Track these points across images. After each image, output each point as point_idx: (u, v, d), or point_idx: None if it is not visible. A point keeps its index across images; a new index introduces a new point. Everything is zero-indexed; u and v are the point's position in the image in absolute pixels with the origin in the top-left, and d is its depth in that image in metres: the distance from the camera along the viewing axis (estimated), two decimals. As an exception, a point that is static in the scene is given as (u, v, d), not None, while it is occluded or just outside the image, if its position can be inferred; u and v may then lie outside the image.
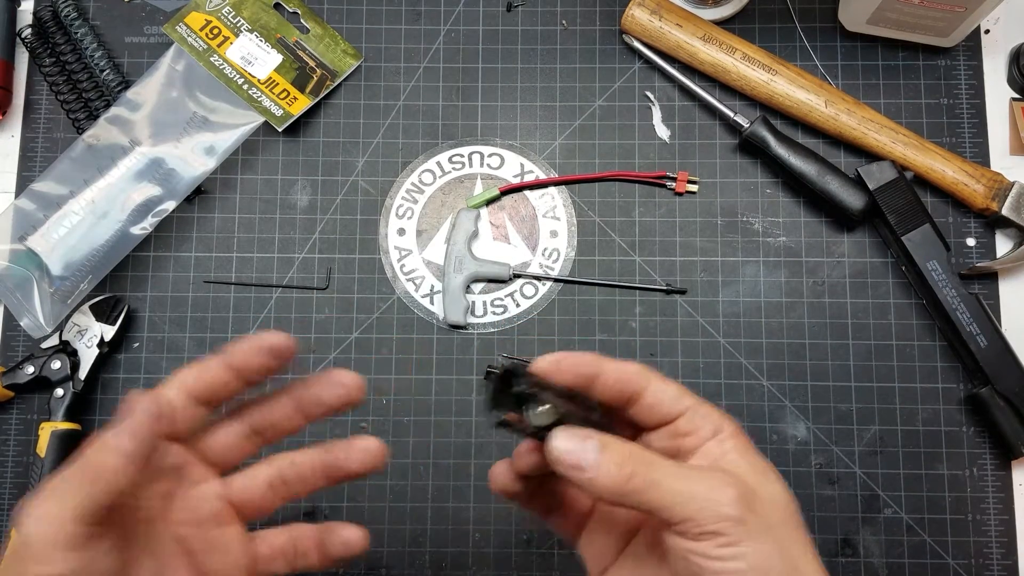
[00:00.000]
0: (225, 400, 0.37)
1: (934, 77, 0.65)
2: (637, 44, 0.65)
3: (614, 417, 0.38)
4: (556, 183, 0.65)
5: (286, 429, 0.39)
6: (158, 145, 0.62)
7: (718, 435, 0.36)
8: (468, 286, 0.63)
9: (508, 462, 0.40)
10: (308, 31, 0.66)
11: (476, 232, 0.63)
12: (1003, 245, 0.63)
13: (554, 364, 0.36)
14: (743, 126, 0.63)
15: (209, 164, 0.62)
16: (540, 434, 0.35)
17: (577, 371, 0.37)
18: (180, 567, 0.36)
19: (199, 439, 0.38)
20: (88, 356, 0.61)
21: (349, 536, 0.39)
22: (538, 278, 0.63)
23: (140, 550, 0.34)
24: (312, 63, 0.65)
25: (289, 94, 0.64)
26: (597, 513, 0.41)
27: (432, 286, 0.63)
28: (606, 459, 0.33)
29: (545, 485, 0.40)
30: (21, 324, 0.60)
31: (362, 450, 0.39)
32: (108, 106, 0.63)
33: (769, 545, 0.33)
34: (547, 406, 0.34)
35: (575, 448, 0.34)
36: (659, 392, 0.37)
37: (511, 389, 0.34)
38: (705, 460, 0.36)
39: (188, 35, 0.64)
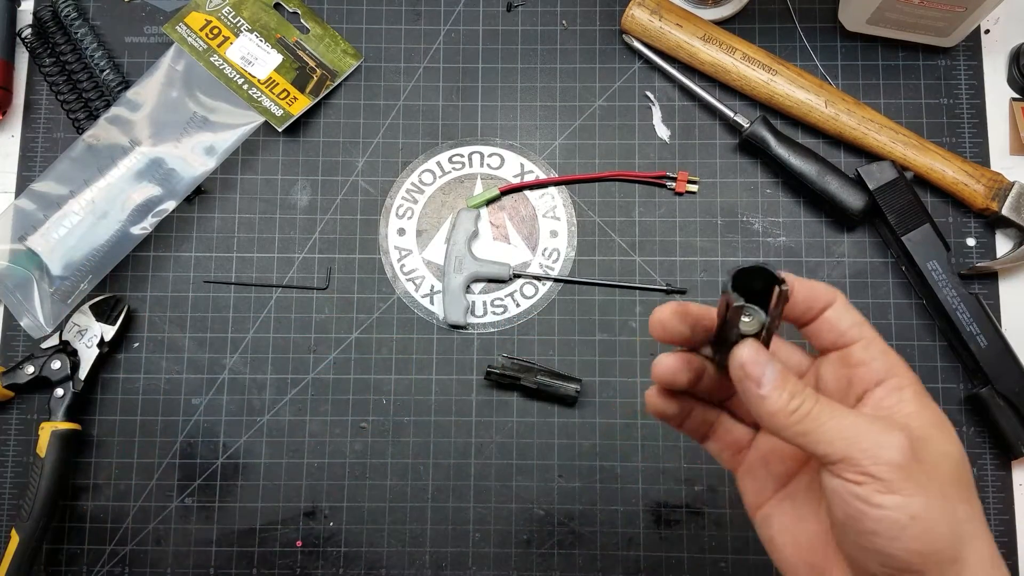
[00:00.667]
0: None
1: (934, 77, 0.65)
2: (637, 44, 0.65)
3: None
4: (556, 183, 0.65)
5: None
6: (158, 145, 0.62)
7: (892, 379, 0.35)
8: (468, 286, 0.63)
9: (660, 383, 0.39)
10: (308, 31, 0.66)
11: (476, 232, 0.63)
12: (1003, 245, 0.63)
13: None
14: (743, 126, 0.63)
15: (209, 164, 0.62)
16: (730, 342, 0.35)
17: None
18: None
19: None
20: (88, 356, 0.61)
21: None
22: (538, 278, 0.63)
23: None
24: (312, 63, 0.65)
25: (289, 94, 0.64)
26: (757, 450, 0.40)
27: (432, 286, 0.63)
28: (781, 384, 0.33)
29: (697, 412, 0.41)
30: (21, 324, 0.60)
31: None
32: (108, 106, 0.63)
33: (935, 500, 0.31)
34: (760, 316, 0.34)
35: (760, 361, 0.33)
36: (841, 313, 0.36)
37: (752, 283, 0.34)
38: (878, 410, 0.34)
39: (188, 35, 0.64)
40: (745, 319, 0.34)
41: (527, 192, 0.65)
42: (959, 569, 0.32)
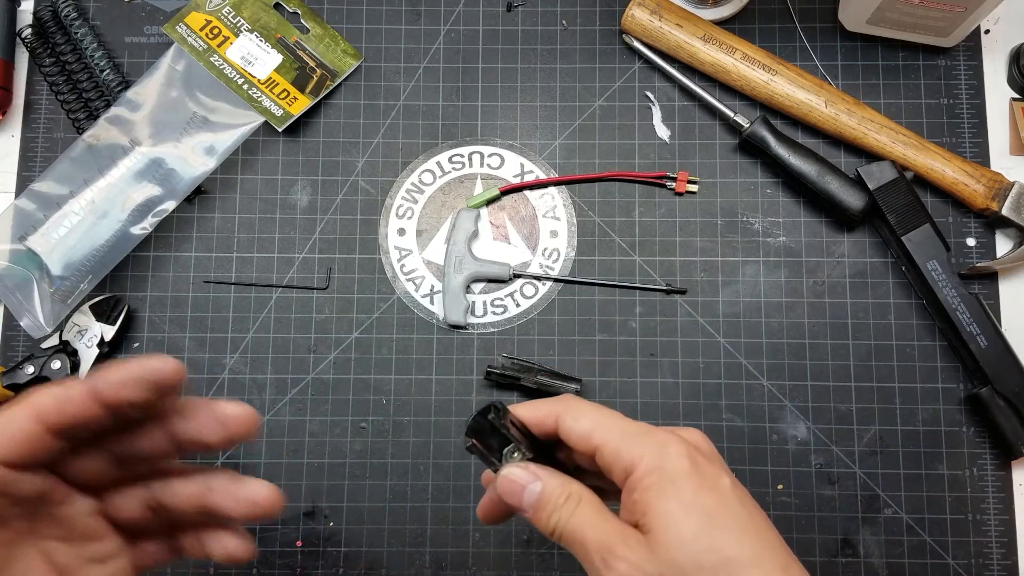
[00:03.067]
0: (92, 433, 0.31)
1: (934, 77, 0.65)
2: (637, 44, 0.65)
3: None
4: (556, 183, 0.65)
5: (157, 459, 0.33)
6: (158, 145, 0.62)
7: (630, 478, 0.34)
8: (468, 286, 0.63)
9: (486, 498, 0.40)
10: (308, 31, 0.66)
11: (476, 232, 0.63)
12: (1003, 245, 0.63)
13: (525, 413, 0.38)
14: (743, 126, 0.63)
15: (209, 164, 0.62)
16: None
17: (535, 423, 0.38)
18: None
19: (61, 464, 0.32)
20: (88, 356, 0.61)
21: (231, 546, 0.35)
22: (538, 278, 0.63)
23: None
24: (312, 63, 0.65)
25: (289, 94, 0.64)
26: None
27: (432, 286, 0.63)
28: (541, 505, 0.35)
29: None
30: (21, 324, 0.60)
31: (248, 502, 0.33)
32: (108, 106, 0.63)
33: None
34: (519, 453, 0.36)
35: (515, 488, 0.35)
36: (569, 430, 0.36)
37: (494, 425, 0.36)
38: (625, 514, 0.35)
39: (188, 35, 0.64)
40: (514, 456, 0.36)
41: (527, 192, 0.65)
42: None
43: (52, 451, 0.31)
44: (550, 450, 0.39)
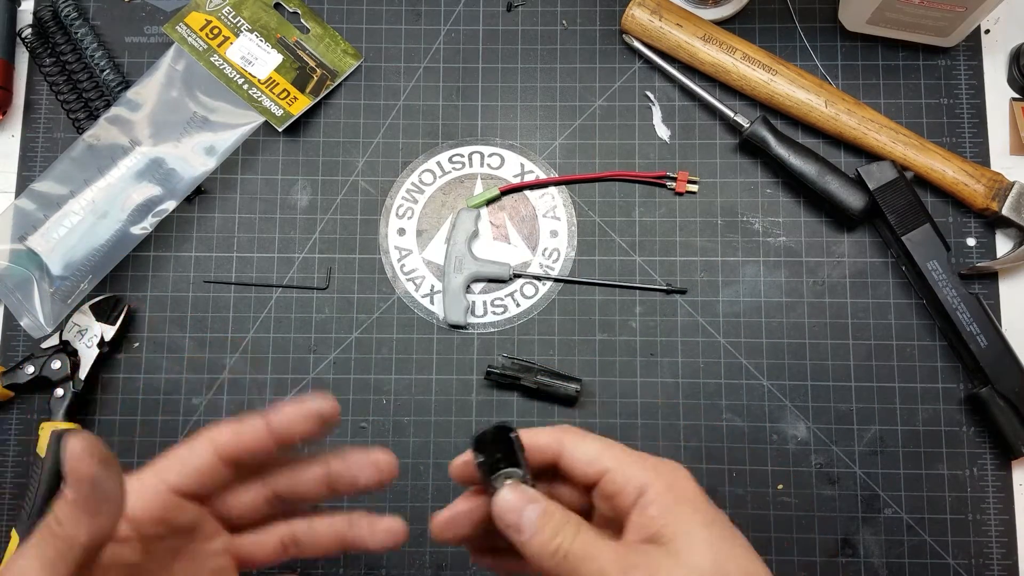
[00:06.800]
0: (259, 462, 0.36)
1: (934, 77, 0.65)
2: (637, 44, 0.65)
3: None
4: (556, 183, 0.65)
5: (310, 499, 0.38)
6: (158, 145, 0.62)
7: (641, 498, 0.34)
8: (468, 286, 0.63)
9: (452, 510, 0.38)
10: (308, 31, 0.66)
11: (476, 232, 0.63)
12: (1003, 245, 0.63)
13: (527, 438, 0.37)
14: (743, 126, 0.63)
15: (209, 164, 0.62)
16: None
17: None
18: None
19: (219, 499, 0.37)
20: (88, 356, 0.60)
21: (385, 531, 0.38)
22: (538, 278, 0.63)
23: None
24: (312, 63, 0.65)
25: (289, 94, 0.64)
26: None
27: (432, 286, 0.63)
28: (542, 525, 0.34)
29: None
30: (21, 324, 0.60)
31: (385, 531, 0.38)
32: (108, 106, 0.63)
33: None
34: (518, 475, 0.35)
35: (516, 508, 0.34)
36: (574, 456, 0.36)
37: (510, 446, 0.35)
38: (634, 533, 0.34)
39: (188, 35, 0.64)
40: (508, 481, 0.35)
41: (527, 192, 0.65)
42: None
43: (221, 482, 0.35)
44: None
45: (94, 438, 0.30)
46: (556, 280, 0.63)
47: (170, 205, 0.61)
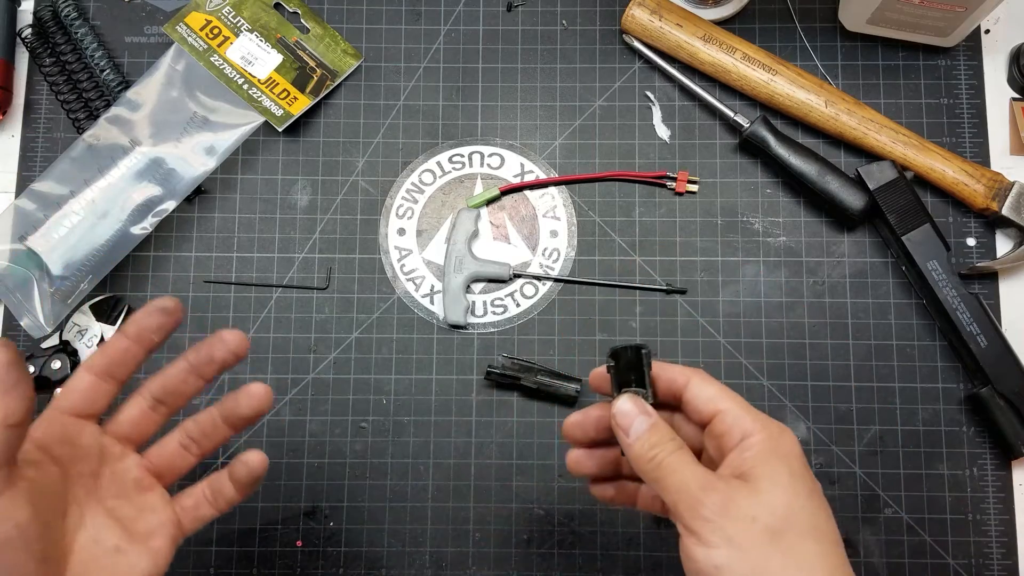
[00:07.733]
0: (130, 369, 0.41)
1: (934, 77, 0.65)
2: (637, 44, 0.65)
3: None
4: (556, 183, 0.65)
5: (185, 393, 0.43)
6: (158, 145, 0.62)
7: (744, 441, 0.38)
8: (468, 286, 0.63)
9: (583, 413, 0.44)
10: (308, 31, 0.66)
11: (476, 232, 0.63)
12: (1003, 245, 0.63)
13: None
14: (743, 126, 0.63)
15: (209, 164, 0.62)
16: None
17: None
18: (114, 535, 0.40)
19: (112, 420, 0.42)
20: (88, 356, 0.60)
21: (248, 458, 0.43)
22: (538, 278, 0.63)
23: (75, 526, 0.39)
24: (312, 63, 0.65)
25: (289, 94, 0.64)
26: None
27: (432, 286, 0.63)
28: (647, 434, 0.39)
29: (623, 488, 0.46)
30: (21, 324, 0.60)
31: (249, 395, 0.43)
32: (108, 106, 0.63)
33: (740, 552, 0.35)
34: (642, 393, 0.41)
35: (631, 413, 0.40)
36: (696, 392, 0.40)
37: (641, 361, 0.41)
38: (727, 468, 0.38)
39: (188, 35, 0.64)
40: (638, 392, 0.41)
41: (527, 192, 0.65)
42: None
43: (106, 396, 0.41)
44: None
45: (9, 341, 0.35)
46: (556, 280, 0.63)
47: (170, 205, 0.61)
